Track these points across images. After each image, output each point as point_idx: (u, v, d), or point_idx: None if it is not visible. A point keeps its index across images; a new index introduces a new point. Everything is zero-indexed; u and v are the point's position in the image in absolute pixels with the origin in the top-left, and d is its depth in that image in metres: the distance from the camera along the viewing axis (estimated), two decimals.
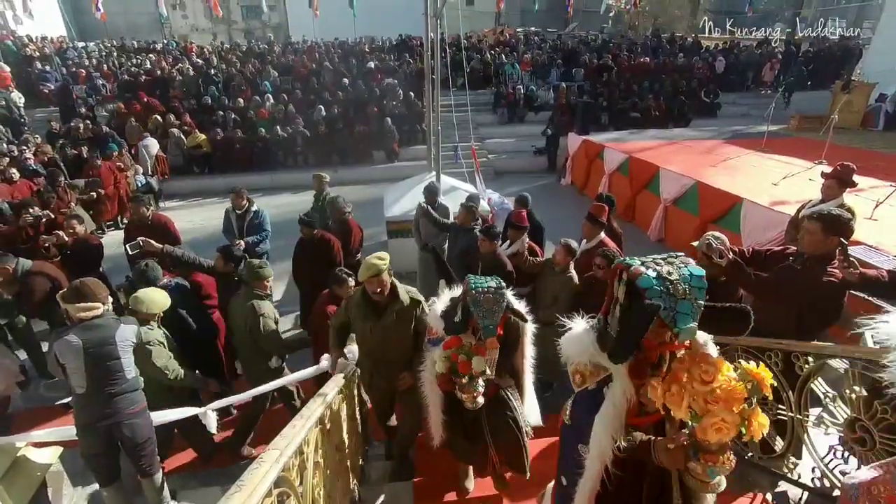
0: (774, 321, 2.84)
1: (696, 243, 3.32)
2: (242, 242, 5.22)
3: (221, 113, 12.79)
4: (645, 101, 13.76)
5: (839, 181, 4.27)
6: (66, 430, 2.88)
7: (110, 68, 15.45)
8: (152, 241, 4.09)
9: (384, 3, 25.81)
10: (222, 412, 3.67)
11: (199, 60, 16.17)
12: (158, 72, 14.84)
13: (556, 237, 7.41)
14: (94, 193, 8.23)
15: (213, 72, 14.85)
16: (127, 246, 3.88)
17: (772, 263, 3.03)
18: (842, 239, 2.59)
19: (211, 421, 3.29)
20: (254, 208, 5.70)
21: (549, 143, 12.54)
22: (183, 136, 12.01)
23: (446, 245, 5.49)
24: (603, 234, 4.42)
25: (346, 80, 14.33)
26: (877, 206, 5.80)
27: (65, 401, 2.96)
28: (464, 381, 2.22)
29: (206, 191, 11.56)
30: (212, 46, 19.41)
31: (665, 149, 9.79)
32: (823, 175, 4.46)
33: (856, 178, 4.45)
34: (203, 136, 12.13)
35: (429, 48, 7.46)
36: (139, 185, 9.73)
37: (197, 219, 9.87)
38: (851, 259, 2.54)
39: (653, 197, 8.13)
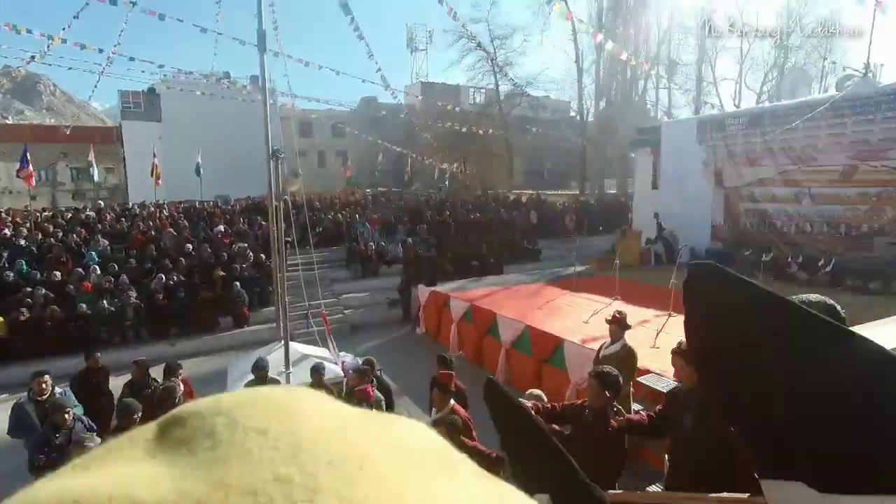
0: (587, 472, 3.28)
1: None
2: None
3: (30, 290, 11.17)
4: (481, 251, 15.79)
5: (618, 326, 5.36)
6: None
7: None
8: None
9: (234, 165, 26.58)
10: None
11: (5, 230, 14.33)
12: None
13: (413, 388, 7.69)
14: None
15: (23, 243, 13.23)
16: None
17: (576, 416, 3.60)
18: (607, 392, 3.26)
19: None
20: (58, 390, 5.28)
21: (402, 294, 13.34)
22: None
23: None
24: (453, 402, 4.55)
25: (189, 246, 13.89)
26: (657, 335, 7.25)
27: None
28: None
29: None
30: (26, 213, 17.46)
31: (500, 294, 11.13)
32: (607, 321, 5.56)
33: (640, 309, 5.66)
34: None
35: (273, 219, 7.85)
36: None
37: None
38: (618, 408, 3.18)
39: (495, 341, 8.97)
